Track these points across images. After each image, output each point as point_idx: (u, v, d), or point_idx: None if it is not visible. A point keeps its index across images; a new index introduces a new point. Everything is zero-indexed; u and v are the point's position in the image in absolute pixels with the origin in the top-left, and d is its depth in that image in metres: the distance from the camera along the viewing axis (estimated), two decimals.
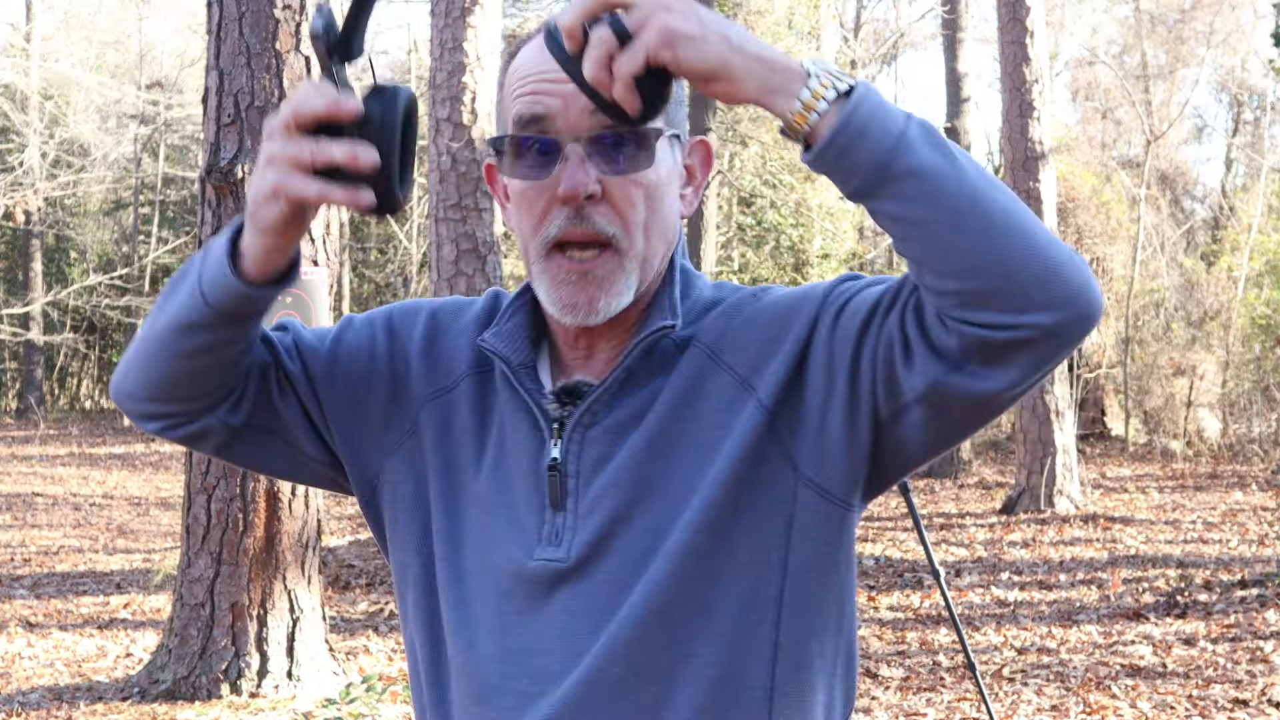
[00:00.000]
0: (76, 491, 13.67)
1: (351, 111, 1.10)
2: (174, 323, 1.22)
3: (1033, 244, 1.05)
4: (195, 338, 1.21)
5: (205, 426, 1.28)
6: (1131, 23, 23.45)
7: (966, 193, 1.05)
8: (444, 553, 1.28)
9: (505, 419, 1.27)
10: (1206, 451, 15.42)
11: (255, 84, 5.46)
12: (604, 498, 1.21)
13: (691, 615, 1.18)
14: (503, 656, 1.22)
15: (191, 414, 1.27)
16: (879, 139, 1.06)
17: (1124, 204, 17.73)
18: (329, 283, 5.62)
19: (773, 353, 1.20)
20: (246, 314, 1.21)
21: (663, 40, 1.06)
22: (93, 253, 24.58)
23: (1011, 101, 11.38)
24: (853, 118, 1.06)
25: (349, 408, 1.32)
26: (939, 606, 7.06)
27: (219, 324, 1.20)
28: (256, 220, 1.15)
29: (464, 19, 8.55)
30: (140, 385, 1.27)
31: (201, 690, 5.42)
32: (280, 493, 5.52)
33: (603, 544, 1.20)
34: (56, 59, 23.56)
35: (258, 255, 1.17)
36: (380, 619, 7.37)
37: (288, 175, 1.11)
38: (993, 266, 1.05)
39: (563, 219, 1.20)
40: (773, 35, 16.19)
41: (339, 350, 1.33)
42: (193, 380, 1.25)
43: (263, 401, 1.30)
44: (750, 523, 1.19)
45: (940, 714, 5.31)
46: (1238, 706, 5.34)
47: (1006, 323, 1.05)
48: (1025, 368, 1.08)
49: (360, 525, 11.16)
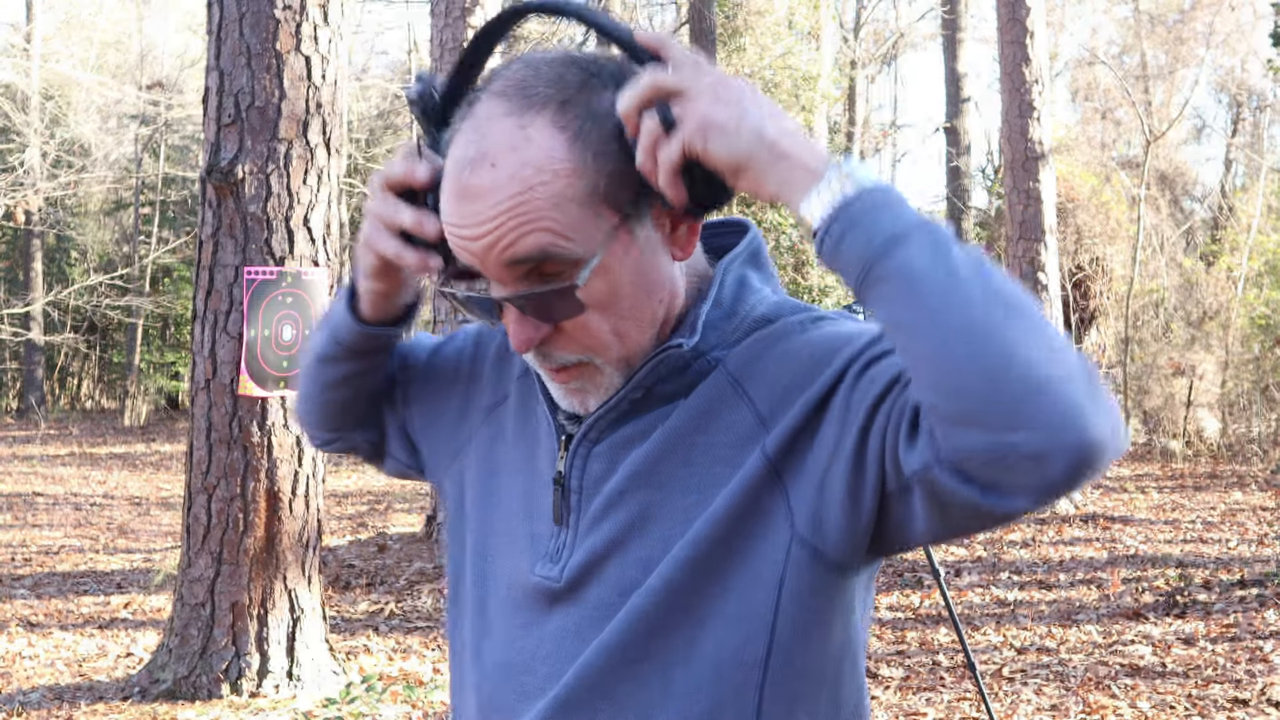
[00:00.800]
0: (77, 491, 13.68)
1: (421, 181, 1.17)
2: (314, 356, 1.40)
3: (1019, 360, 0.95)
4: (329, 370, 1.38)
5: (352, 444, 1.47)
6: (1131, 23, 23.44)
7: (955, 303, 0.97)
8: (475, 560, 1.29)
9: (539, 426, 1.27)
10: (1206, 451, 15.43)
11: (255, 84, 5.47)
12: (601, 519, 1.17)
13: (672, 660, 1.13)
14: (502, 670, 1.22)
15: (341, 435, 1.46)
16: (870, 234, 1.00)
17: (1123, 204, 17.73)
18: (329, 283, 5.63)
19: (796, 397, 1.12)
20: (368, 350, 1.35)
21: (699, 130, 1.05)
22: (93, 253, 24.58)
23: (1011, 101, 11.38)
24: (847, 210, 1.02)
25: (429, 419, 1.40)
26: (939, 606, 7.06)
27: (345, 358, 1.36)
28: (359, 265, 1.27)
29: (464, 19, 8.55)
30: (303, 412, 1.46)
31: (202, 690, 5.43)
32: (280, 493, 5.53)
33: (595, 567, 1.17)
34: (57, 59, 23.56)
35: (365, 297, 1.31)
36: (380, 619, 7.37)
37: (376, 231, 1.21)
38: (973, 385, 0.96)
39: (530, 354, 1.17)
40: (773, 35, 16.20)
41: (434, 362, 1.42)
42: (339, 407, 1.42)
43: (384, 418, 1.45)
44: (741, 573, 1.12)
45: (940, 714, 5.31)
46: (1237, 706, 5.35)
47: (986, 444, 0.96)
48: (1018, 490, 0.98)
49: (360, 525, 11.17)
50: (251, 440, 5.46)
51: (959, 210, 14.86)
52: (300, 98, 5.51)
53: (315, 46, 5.54)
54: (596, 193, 1.09)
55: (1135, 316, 16.82)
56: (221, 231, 5.50)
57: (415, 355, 1.43)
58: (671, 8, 20.41)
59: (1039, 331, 0.97)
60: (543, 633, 1.19)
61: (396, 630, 7.04)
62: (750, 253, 1.24)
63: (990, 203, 18.24)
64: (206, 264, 5.54)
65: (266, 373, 5.46)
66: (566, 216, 1.08)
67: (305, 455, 5.58)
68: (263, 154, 5.47)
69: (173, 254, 23.56)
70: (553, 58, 1.13)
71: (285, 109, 5.49)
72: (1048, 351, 0.96)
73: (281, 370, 5.48)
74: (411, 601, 7.84)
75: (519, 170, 1.07)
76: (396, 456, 1.45)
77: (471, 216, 1.08)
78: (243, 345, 5.43)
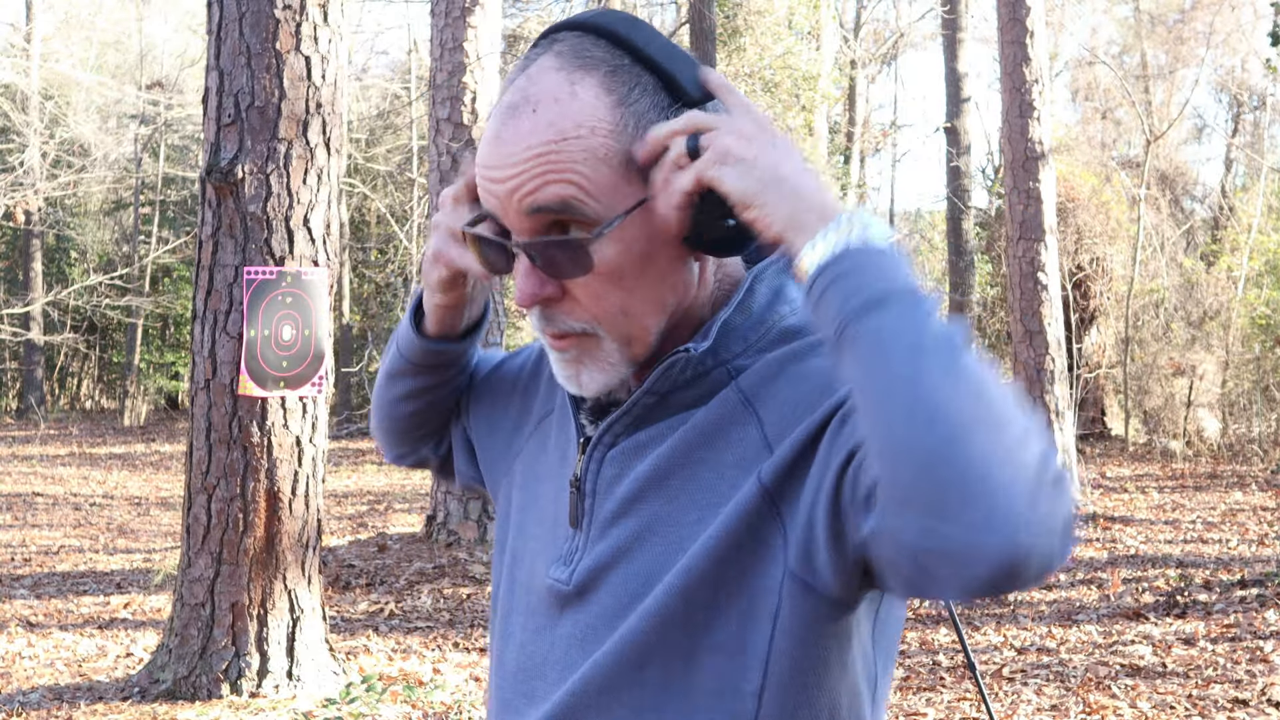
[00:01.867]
0: (77, 491, 13.67)
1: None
2: (384, 371, 1.43)
3: (963, 452, 0.89)
4: (398, 386, 1.41)
5: (423, 458, 1.50)
6: (1131, 23, 23.44)
7: (913, 379, 0.92)
8: (509, 567, 1.29)
9: (570, 428, 1.26)
10: (1206, 451, 15.43)
11: (255, 84, 5.46)
12: (610, 526, 1.16)
13: (666, 686, 1.10)
14: (517, 673, 1.22)
15: (414, 449, 1.49)
16: (851, 293, 0.96)
17: (1124, 204, 17.73)
18: (329, 283, 5.62)
19: (799, 424, 1.08)
20: (435, 365, 1.37)
21: (717, 158, 1.04)
22: (93, 253, 24.58)
23: (1011, 101, 11.38)
24: (838, 264, 0.98)
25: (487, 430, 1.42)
26: (939, 606, 7.05)
27: (413, 373, 1.39)
28: (425, 279, 1.30)
29: (464, 19, 8.55)
30: (376, 427, 1.49)
31: (201, 690, 5.42)
32: (280, 493, 5.52)
33: (602, 573, 1.15)
34: (57, 59, 23.56)
35: (430, 312, 1.33)
36: (380, 619, 7.37)
37: (445, 242, 1.24)
38: (910, 467, 0.91)
39: (534, 314, 1.15)
40: (773, 35, 16.19)
41: (498, 375, 1.44)
42: (410, 422, 1.45)
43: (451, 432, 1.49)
44: (736, 604, 1.08)
45: (940, 714, 5.31)
46: (1237, 706, 5.35)
47: (915, 529, 0.91)
48: (943, 583, 0.93)
49: (360, 525, 11.16)
50: (251, 440, 5.46)
51: (959, 210, 14.85)
52: (300, 98, 5.50)
53: (315, 46, 5.54)
54: (631, 161, 1.08)
55: (1135, 316, 16.81)
56: (221, 231, 5.50)
57: (481, 369, 1.45)
58: (671, 7, 20.41)
59: (997, 426, 0.91)
60: (554, 637, 1.18)
61: (396, 630, 7.04)
62: (786, 261, 1.17)
63: (990, 203, 18.23)
64: (206, 264, 5.53)
65: (266, 373, 5.46)
66: (596, 174, 1.07)
67: (305, 455, 5.58)
68: (262, 154, 5.47)
69: (172, 254, 23.56)
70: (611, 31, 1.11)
71: (285, 109, 5.48)
72: (1000, 449, 0.90)
73: (281, 370, 5.47)
74: (411, 601, 7.84)
75: (558, 119, 1.06)
76: (462, 469, 1.47)
77: (503, 158, 1.08)
78: (242, 345, 5.42)
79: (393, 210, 21.46)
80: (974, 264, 15.07)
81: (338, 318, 21.23)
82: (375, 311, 23.04)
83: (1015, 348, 11.57)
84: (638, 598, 1.11)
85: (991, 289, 17.25)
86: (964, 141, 15.36)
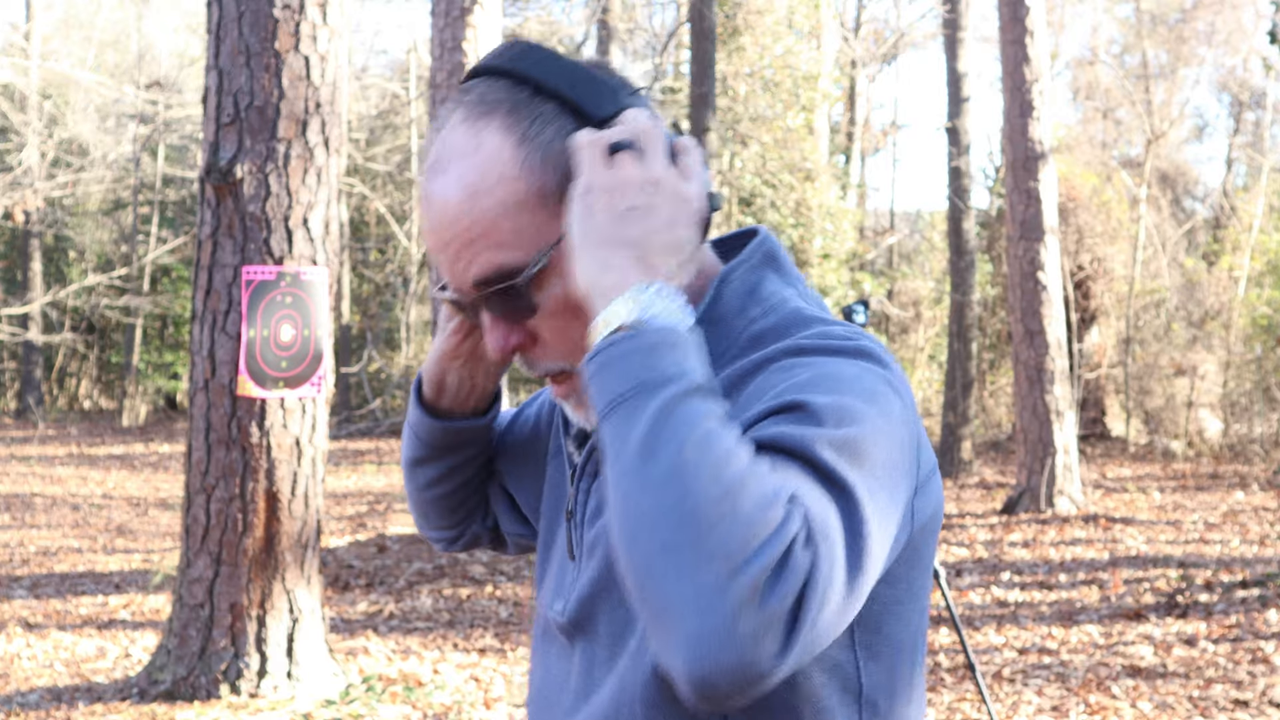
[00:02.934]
0: (75, 492, 13.66)
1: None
2: (405, 462, 1.40)
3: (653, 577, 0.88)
4: (421, 473, 1.38)
5: (475, 536, 1.45)
6: (1132, 22, 23.43)
7: (622, 498, 0.91)
8: (540, 598, 1.31)
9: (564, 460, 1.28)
10: (1207, 452, 15.42)
11: (254, 84, 5.45)
12: (592, 556, 1.14)
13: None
14: (538, 701, 1.24)
15: (460, 530, 1.44)
16: (601, 388, 0.95)
17: (1124, 204, 17.73)
18: (329, 283, 5.61)
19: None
20: (456, 445, 1.35)
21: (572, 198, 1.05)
22: (92, 253, 24.57)
23: (1012, 101, 11.37)
24: (605, 350, 0.96)
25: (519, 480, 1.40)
26: (939, 607, 7.03)
27: (436, 457, 1.36)
28: (435, 356, 1.30)
29: (464, 19, 8.54)
30: (416, 519, 1.46)
31: (201, 691, 5.41)
32: (280, 493, 5.51)
33: (590, 604, 1.14)
34: (56, 58, 23.55)
35: (448, 391, 1.32)
36: (380, 619, 7.36)
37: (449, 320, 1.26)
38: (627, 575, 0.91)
39: (518, 362, 1.17)
40: (773, 34, 16.18)
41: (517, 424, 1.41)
42: (446, 505, 1.41)
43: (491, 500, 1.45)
44: None
45: (940, 714, 5.30)
46: (1238, 707, 5.33)
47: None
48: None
49: (360, 526, 11.15)
50: (250, 441, 5.45)
51: (959, 210, 14.85)
52: (299, 97, 5.49)
53: (314, 46, 5.53)
54: (546, 193, 1.08)
55: (1136, 316, 16.81)
56: (220, 231, 5.49)
57: (502, 423, 1.44)
58: (672, 7, 20.40)
59: (687, 545, 0.86)
60: (570, 666, 1.18)
61: (396, 631, 7.03)
62: (762, 256, 1.17)
63: (991, 202, 18.23)
64: (205, 264, 5.52)
65: (265, 373, 5.44)
66: (516, 223, 1.07)
67: (304, 456, 5.57)
68: (262, 154, 5.46)
69: (171, 254, 23.54)
70: (509, 70, 1.11)
71: (284, 109, 5.47)
72: (684, 572, 0.86)
73: (281, 370, 5.46)
74: (411, 602, 7.83)
75: (466, 174, 1.08)
76: (509, 529, 1.44)
77: (433, 226, 1.10)
78: (242, 345, 5.41)
79: (392, 210, 21.45)
80: (974, 264, 15.06)
81: (337, 318, 21.21)
82: (375, 311, 23.04)
83: (1015, 348, 11.56)
84: (629, 624, 1.09)
85: (992, 289, 17.25)
86: (964, 141, 15.35)
